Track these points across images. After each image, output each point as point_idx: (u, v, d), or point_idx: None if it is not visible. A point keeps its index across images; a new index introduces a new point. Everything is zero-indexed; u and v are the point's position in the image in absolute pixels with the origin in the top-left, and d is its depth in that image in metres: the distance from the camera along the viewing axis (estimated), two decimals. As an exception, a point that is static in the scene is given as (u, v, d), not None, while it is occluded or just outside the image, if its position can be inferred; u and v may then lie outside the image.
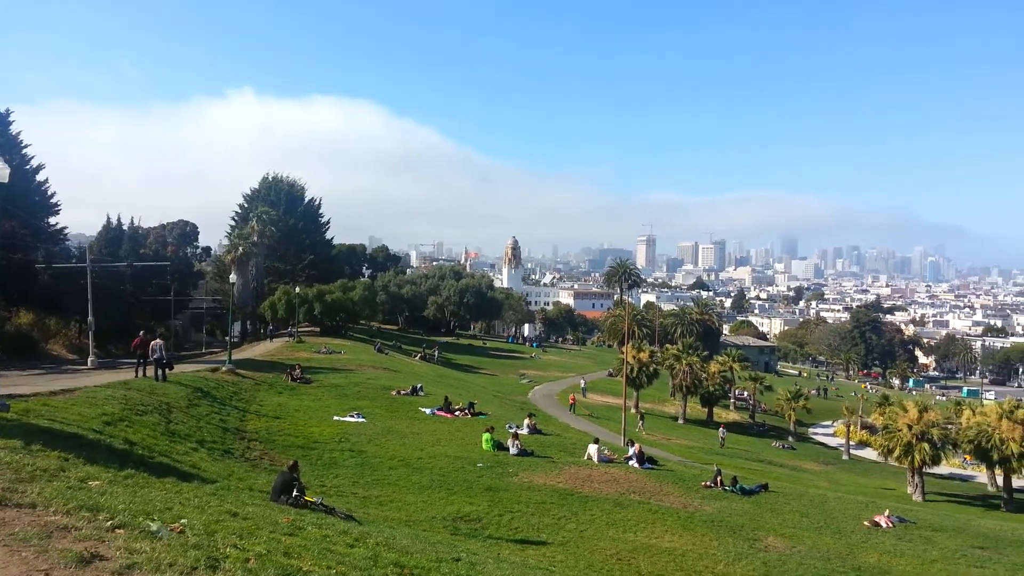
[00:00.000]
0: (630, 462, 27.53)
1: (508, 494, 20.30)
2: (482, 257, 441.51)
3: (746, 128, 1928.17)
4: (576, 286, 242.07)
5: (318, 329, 64.06)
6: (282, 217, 71.61)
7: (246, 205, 75.90)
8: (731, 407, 69.45)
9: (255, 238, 63.09)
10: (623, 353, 52.69)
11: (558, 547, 16.21)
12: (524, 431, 31.36)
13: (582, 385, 60.79)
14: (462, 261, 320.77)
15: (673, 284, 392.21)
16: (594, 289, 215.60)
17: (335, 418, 28.54)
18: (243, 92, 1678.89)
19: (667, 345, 77.06)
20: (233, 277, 46.09)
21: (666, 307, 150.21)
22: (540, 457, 26.31)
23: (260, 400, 30.12)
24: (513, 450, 26.07)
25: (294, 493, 13.62)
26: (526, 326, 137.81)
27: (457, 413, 34.29)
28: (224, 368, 34.41)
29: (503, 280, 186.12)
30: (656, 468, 27.90)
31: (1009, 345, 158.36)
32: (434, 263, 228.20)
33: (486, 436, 26.70)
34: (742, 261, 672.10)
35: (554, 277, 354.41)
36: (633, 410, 53.16)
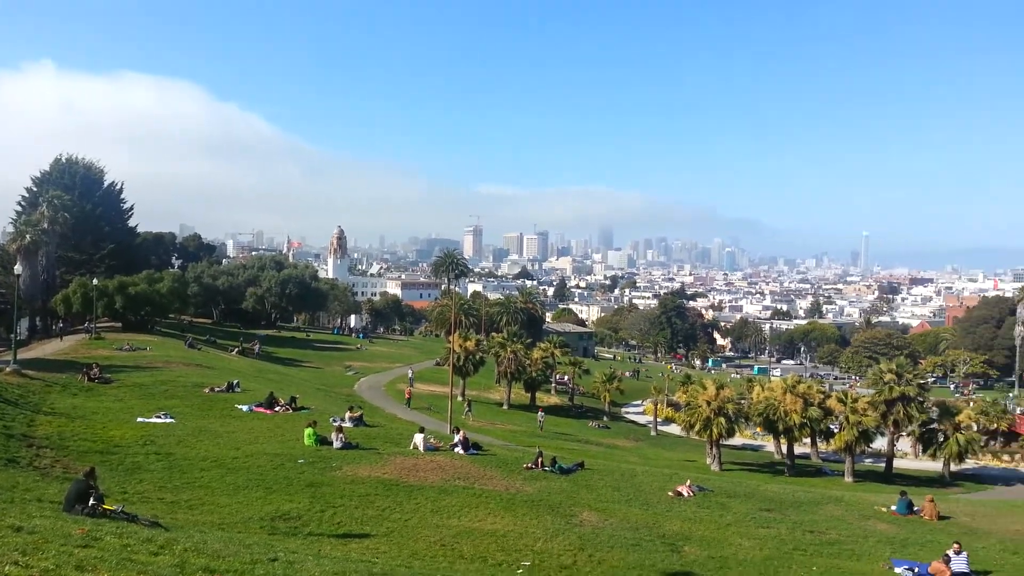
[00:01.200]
0: (456, 449, 27.92)
1: (331, 489, 19.94)
2: (306, 247, 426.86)
3: (573, 126, 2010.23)
4: (404, 276, 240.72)
5: (120, 325, 58.92)
6: (77, 202, 65.10)
7: (35, 189, 68.53)
8: (553, 391, 72.23)
9: (45, 225, 56.92)
10: (450, 342, 53.21)
11: (382, 538, 16.18)
12: (348, 424, 30.85)
13: (410, 375, 60.64)
14: (284, 251, 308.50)
15: (499, 274, 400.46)
16: (422, 279, 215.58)
17: (139, 419, 26.54)
18: (42, 65, 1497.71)
19: (493, 333, 78.64)
20: (19, 268, 41.37)
21: (492, 296, 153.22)
22: (365, 449, 26.03)
23: (51, 403, 27.37)
24: (337, 444, 25.60)
25: (91, 502, 12.58)
26: (352, 317, 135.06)
27: (278, 409, 33.04)
28: (8, 369, 30.90)
29: (328, 270, 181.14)
30: (481, 453, 28.49)
31: (793, 327, 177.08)
32: (254, 253, 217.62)
33: (308, 431, 25.99)
34: (564, 252, 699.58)
35: (381, 267, 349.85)
36: (460, 398, 53.87)
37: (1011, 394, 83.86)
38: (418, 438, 27.43)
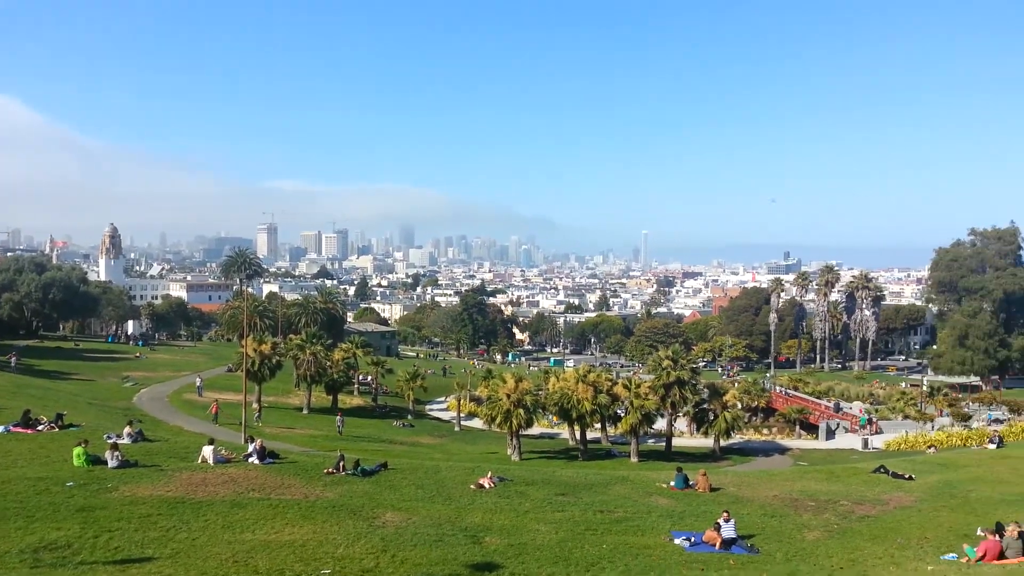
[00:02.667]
0: (251, 459, 26.53)
1: (106, 512, 18.15)
2: (73, 246, 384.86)
3: (373, 123, 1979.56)
4: (190, 277, 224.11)
5: None
6: None
7: None
8: (355, 392, 70.90)
9: None
10: (243, 346, 50.31)
11: (166, 560, 15.01)
12: (126, 440, 28.31)
13: (198, 384, 56.66)
14: (47, 251, 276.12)
15: (297, 273, 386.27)
16: (210, 280, 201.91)
17: None
18: None
19: (291, 335, 75.56)
20: None
21: (290, 297, 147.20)
22: (146, 467, 23.99)
23: None
24: (113, 463, 23.35)
25: None
26: (130, 323, 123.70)
27: (41, 428, 29.54)
28: None
29: (100, 272, 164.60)
30: (278, 462, 27.31)
31: (584, 320, 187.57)
32: (8, 254, 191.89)
33: (78, 450, 23.48)
34: (364, 250, 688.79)
35: (163, 268, 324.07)
36: (255, 405, 51.20)
37: (768, 374, 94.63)
38: (207, 450, 25.72)
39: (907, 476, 32.59)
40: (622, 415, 49.90)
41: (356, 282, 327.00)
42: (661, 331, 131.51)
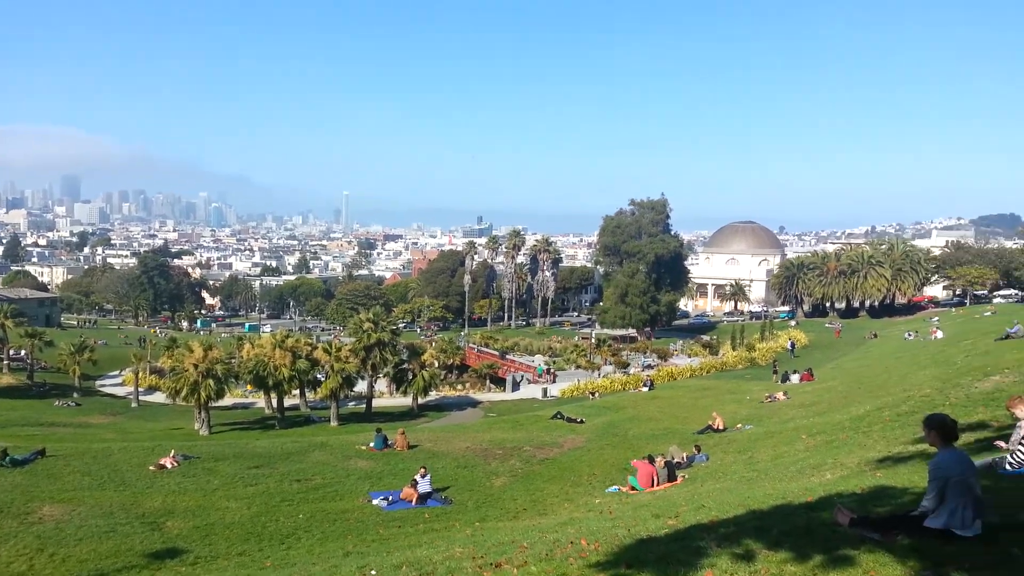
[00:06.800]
0: None
1: None
2: None
3: (34, 53, 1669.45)
4: None
5: None
6: None
7: None
8: (5, 369, 60.72)
9: None
10: None
11: None
12: None
13: None
14: None
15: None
16: None
17: None
18: None
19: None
20: None
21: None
22: None
23: None
24: None
25: None
26: None
27: None
28: None
29: None
30: None
31: (282, 283, 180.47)
32: None
33: None
34: (16, 203, 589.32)
35: None
36: None
37: (462, 333, 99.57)
38: None
39: (579, 420, 36.57)
40: (322, 379, 49.18)
41: (6, 241, 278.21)
42: (362, 294, 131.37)
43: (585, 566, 6.79)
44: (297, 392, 50.22)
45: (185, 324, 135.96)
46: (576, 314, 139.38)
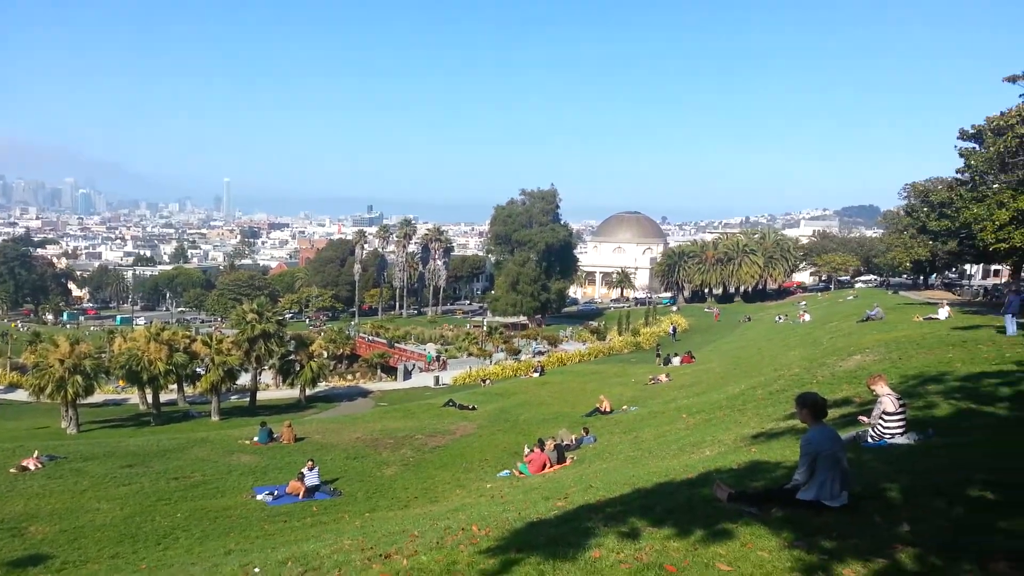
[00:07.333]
0: None
1: None
2: None
3: None
4: None
5: None
6: None
7: None
8: None
9: None
10: None
11: None
12: None
13: None
14: None
15: None
16: None
17: None
18: None
19: None
20: None
21: None
22: None
23: None
24: None
25: None
26: None
27: None
28: None
29: None
30: None
31: (157, 273, 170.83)
32: None
33: None
34: None
35: None
36: None
37: (353, 323, 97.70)
38: None
39: (471, 407, 36.70)
40: (202, 373, 47.06)
41: None
42: (246, 284, 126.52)
43: (476, 552, 6.76)
44: (175, 387, 47.85)
45: (50, 317, 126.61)
46: (468, 302, 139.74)
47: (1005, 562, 4.83)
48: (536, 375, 50.53)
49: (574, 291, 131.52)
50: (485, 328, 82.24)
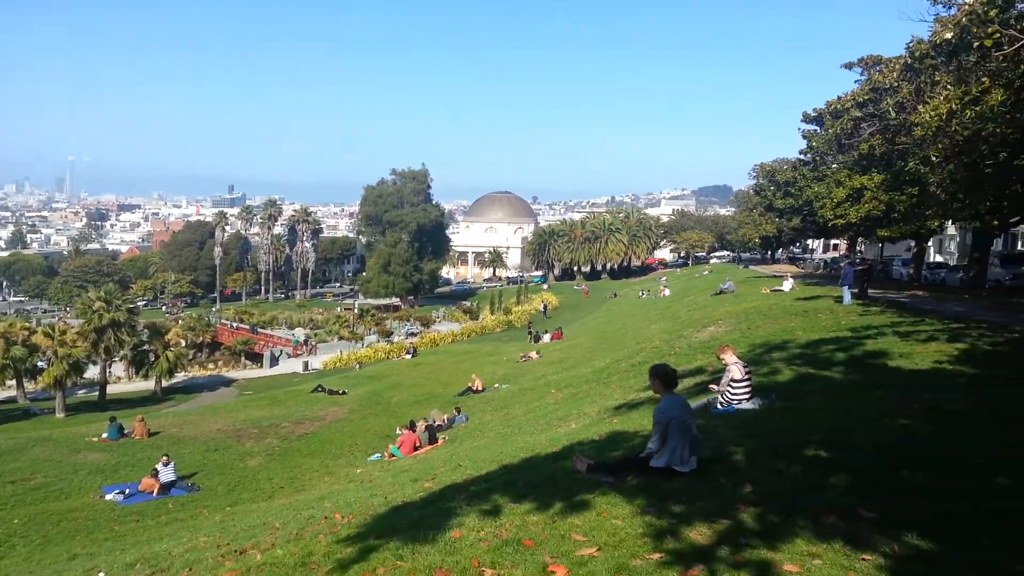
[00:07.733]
0: None
1: None
2: None
3: None
4: None
5: None
6: None
7: None
8: None
9: None
10: None
11: None
12: None
13: None
14: None
15: None
16: None
17: None
18: None
19: None
20: None
21: None
22: None
23: None
24: None
25: None
26: None
27: None
28: None
29: None
30: None
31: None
32: None
33: None
34: None
35: None
36: None
37: (214, 309, 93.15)
38: None
39: (341, 392, 35.90)
40: (44, 367, 43.36)
41: None
42: (94, 270, 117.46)
43: (334, 542, 6.56)
44: (13, 383, 43.93)
45: None
46: (339, 285, 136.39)
47: (835, 516, 5.21)
48: (409, 356, 50.11)
49: (447, 271, 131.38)
50: (357, 311, 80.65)
